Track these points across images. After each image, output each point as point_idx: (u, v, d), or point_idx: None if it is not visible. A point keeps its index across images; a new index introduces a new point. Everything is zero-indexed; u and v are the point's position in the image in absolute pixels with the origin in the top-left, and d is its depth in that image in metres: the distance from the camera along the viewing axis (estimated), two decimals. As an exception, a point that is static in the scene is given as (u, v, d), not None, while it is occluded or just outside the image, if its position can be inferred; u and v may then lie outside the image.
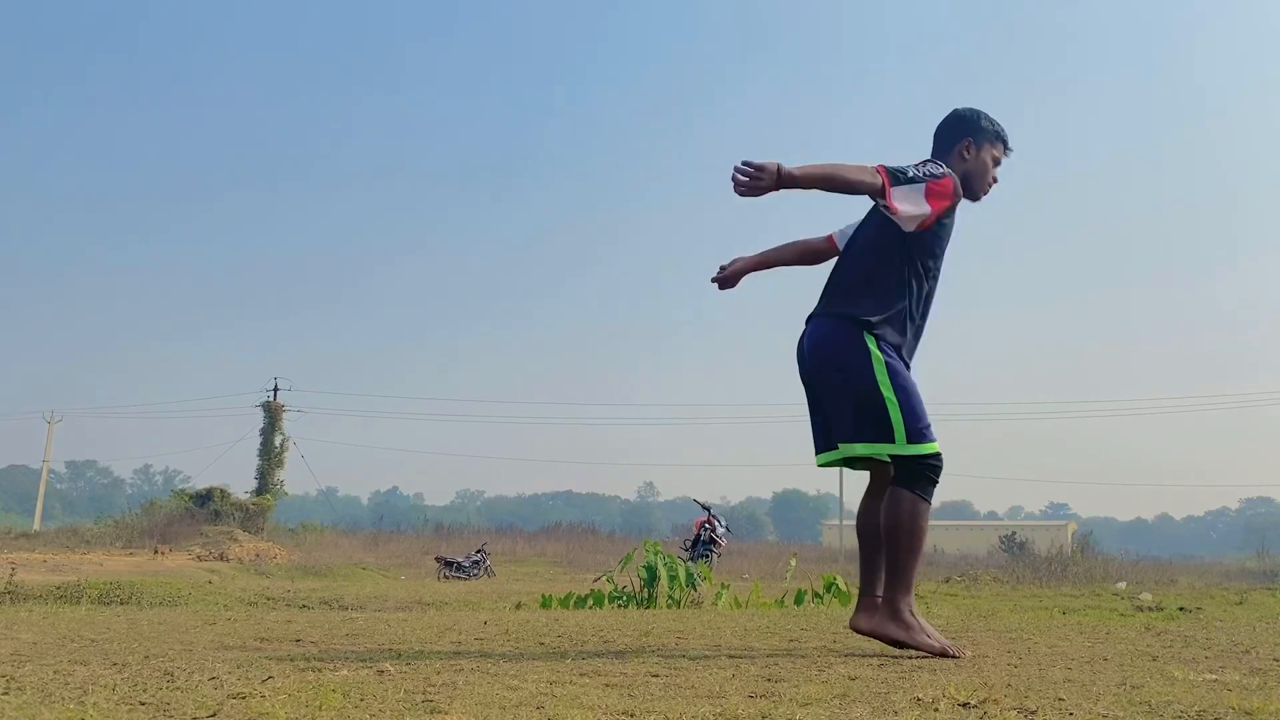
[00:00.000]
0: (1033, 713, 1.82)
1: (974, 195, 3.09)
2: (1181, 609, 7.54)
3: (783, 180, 2.67)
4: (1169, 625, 4.17)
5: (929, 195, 2.84)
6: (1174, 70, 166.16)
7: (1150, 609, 7.93)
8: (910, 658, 2.74)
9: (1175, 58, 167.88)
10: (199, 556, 23.17)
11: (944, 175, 2.89)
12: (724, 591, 7.49)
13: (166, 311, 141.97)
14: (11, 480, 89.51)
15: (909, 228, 2.88)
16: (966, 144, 3.04)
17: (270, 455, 34.07)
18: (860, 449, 2.86)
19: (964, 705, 1.89)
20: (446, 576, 20.32)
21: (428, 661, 2.55)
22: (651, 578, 7.30)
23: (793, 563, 11.13)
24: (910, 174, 2.83)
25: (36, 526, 37.97)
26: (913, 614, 2.80)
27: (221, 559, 23.12)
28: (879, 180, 2.77)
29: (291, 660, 2.54)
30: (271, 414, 34.68)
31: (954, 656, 2.71)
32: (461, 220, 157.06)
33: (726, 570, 16.29)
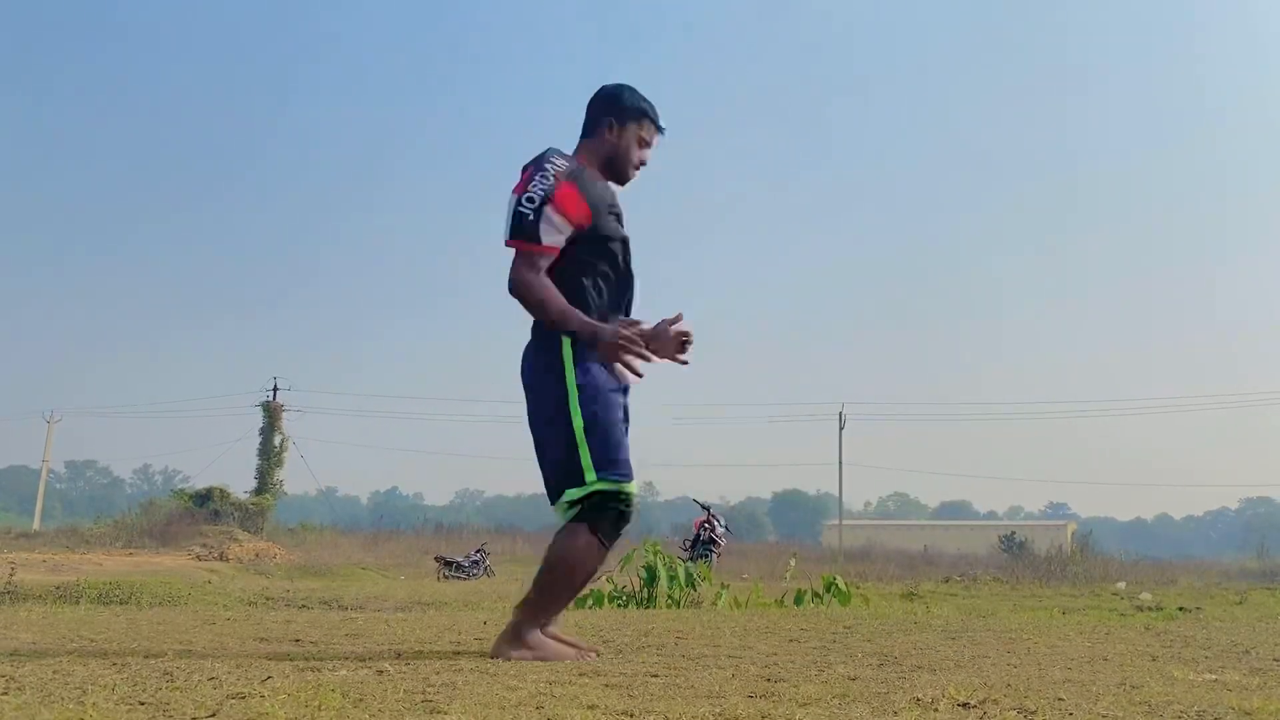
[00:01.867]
0: (1033, 713, 1.82)
1: (619, 177, 2.91)
2: (1181, 609, 7.55)
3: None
4: (1169, 625, 4.18)
5: (559, 209, 2.67)
6: (1174, 71, 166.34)
7: (1150, 609, 7.94)
8: (910, 658, 2.74)
9: (1175, 59, 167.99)
10: (198, 556, 23.17)
11: (556, 181, 2.70)
12: (724, 591, 7.49)
13: (166, 311, 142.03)
14: (11, 480, 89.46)
15: (562, 242, 2.71)
16: (609, 124, 2.88)
17: (270, 455, 34.08)
18: (562, 501, 2.71)
19: (964, 705, 1.89)
20: (446, 576, 20.32)
21: (428, 661, 2.54)
22: (651, 578, 7.30)
23: (792, 563, 11.13)
24: (527, 214, 2.66)
25: (36, 526, 37.99)
26: (538, 634, 2.68)
27: (221, 559, 23.12)
28: (525, 263, 2.66)
29: (291, 660, 2.53)
30: (271, 414, 34.69)
31: (585, 658, 2.64)
32: (462, 219, 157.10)
33: (726, 570, 16.27)
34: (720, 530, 14.72)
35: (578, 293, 2.74)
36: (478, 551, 22.17)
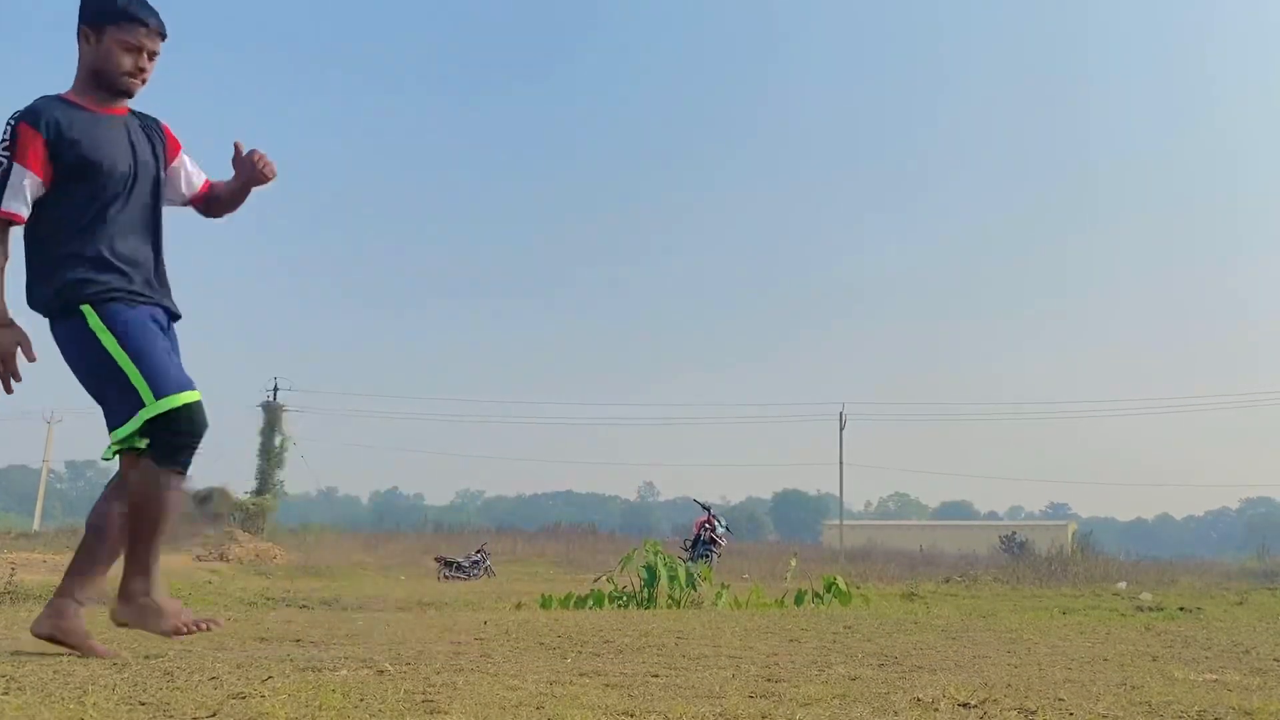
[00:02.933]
0: (1033, 713, 1.82)
1: (113, 89, 2.63)
2: (1182, 609, 7.54)
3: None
4: (1169, 625, 4.18)
5: (22, 159, 2.46)
6: (1180, 69, 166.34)
7: (1150, 609, 7.93)
8: (910, 658, 2.74)
9: (1181, 57, 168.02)
10: (199, 557, 23.17)
11: (12, 129, 2.49)
12: (724, 591, 7.49)
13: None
14: (11, 480, 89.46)
15: (27, 206, 2.50)
16: (84, 32, 2.61)
17: (270, 455, 34.07)
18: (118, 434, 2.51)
19: (964, 705, 1.89)
20: (446, 576, 20.31)
21: (428, 661, 2.54)
22: (651, 578, 7.30)
23: (793, 563, 11.12)
24: None
25: (36, 526, 37.98)
26: (148, 596, 2.55)
27: (221, 559, 23.12)
28: None
29: (291, 660, 2.53)
30: (271, 414, 34.68)
31: (194, 631, 2.56)
32: (462, 220, 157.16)
33: (726, 570, 16.25)
34: (721, 530, 14.70)
35: (55, 239, 2.53)
36: (478, 552, 22.16)
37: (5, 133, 2.50)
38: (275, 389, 35.49)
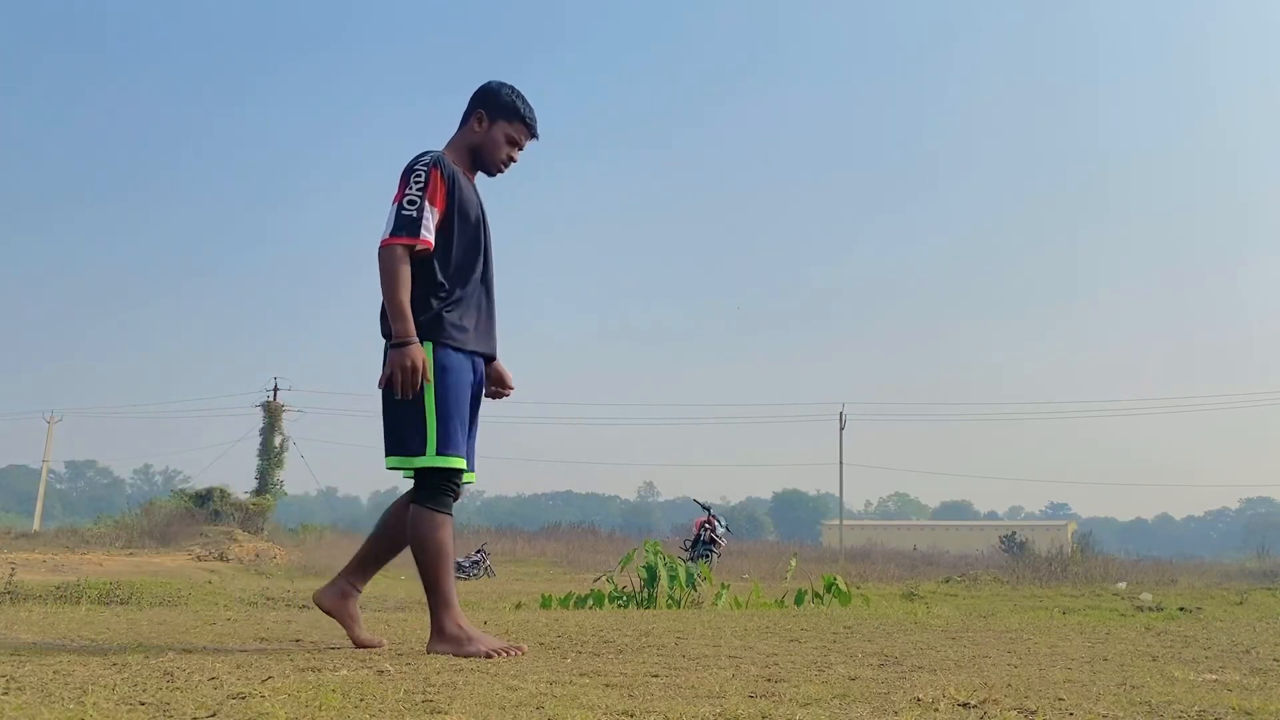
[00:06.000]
0: (1033, 713, 1.82)
1: (486, 169, 3.06)
2: (1181, 609, 7.55)
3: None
4: (1169, 625, 4.18)
5: (432, 198, 2.83)
6: (1184, 67, 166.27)
7: (1150, 609, 7.94)
8: (910, 658, 2.74)
9: (1185, 56, 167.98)
10: (199, 557, 23.17)
11: (428, 171, 2.85)
12: (724, 591, 7.49)
13: (166, 311, 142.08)
14: (11, 480, 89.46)
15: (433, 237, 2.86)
16: (479, 115, 3.02)
17: (270, 455, 34.05)
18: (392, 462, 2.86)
19: (964, 705, 1.89)
20: (446, 576, 20.28)
21: (428, 661, 2.55)
22: (651, 578, 7.30)
23: (793, 563, 11.13)
24: (409, 212, 2.80)
25: (36, 526, 38.00)
26: (459, 626, 2.79)
27: (221, 559, 23.12)
28: (396, 254, 2.77)
29: (291, 660, 2.53)
30: (271, 414, 34.67)
31: (506, 655, 2.67)
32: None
33: (726, 570, 16.28)
34: (721, 530, 14.70)
35: (425, 267, 2.84)
36: (478, 551, 22.17)
37: (422, 174, 2.84)
38: (275, 389, 35.51)
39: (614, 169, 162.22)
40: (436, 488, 2.84)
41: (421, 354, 2.75)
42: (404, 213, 2.79)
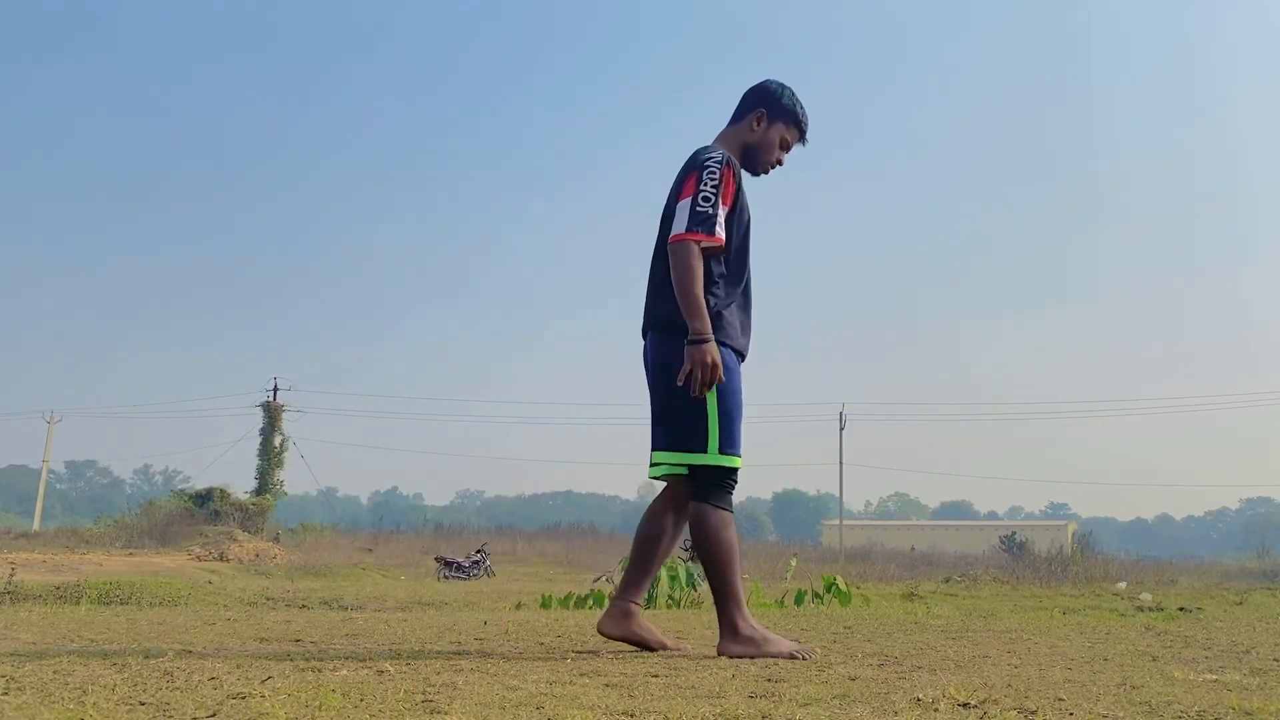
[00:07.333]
0: (1033, 713, 1.82)
1: (753, 169, 3.03)
2: (1181, 609, 7.55)
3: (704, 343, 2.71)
4: (1169, 625, 4.18)
5: (725, 197, 2.82)
6: (1184, 68, 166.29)
7: (1150, 609, 7.94)
8: (910, 658, 2.74)
9: (1184, 57, 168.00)
10: (199, 557, 23.18)
11: (721, 168, 2.82)
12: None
13: (167, 311, 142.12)
14: (11, 480, 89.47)
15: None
16: (759, 115, 3.00)
17: (270, 455, 34.08)
18: (670, 458, 2.83)
19: (964, 705, 1.89)
20: (446, 577, 20.32)
21: (428, 661, 2.54)
22: (651, 578, 7.29)
23: (793, 563, 11.14)
24: (705, 209, 2.77)
25: (36, 526, 38.01)
26: (752, 626, 2.76)
27: (221, 559, 23.13)
28: (693, 250, 2.74)
29: (291, 660, 2.53)
30: (271, 414, 34.70)
31: (803, 658, 2.64)
32: (462, 220, 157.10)
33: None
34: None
35: (706, 265, 2.81)
36: (478, 552, 22.19)
37: (716, 171, 2.81)
38: (275, 389, 35.52)
39: (613, 168, 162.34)
40: (719, 486, 2.81)
41: (718, 352, 2.72)
42: (699, 209, 2.76)
